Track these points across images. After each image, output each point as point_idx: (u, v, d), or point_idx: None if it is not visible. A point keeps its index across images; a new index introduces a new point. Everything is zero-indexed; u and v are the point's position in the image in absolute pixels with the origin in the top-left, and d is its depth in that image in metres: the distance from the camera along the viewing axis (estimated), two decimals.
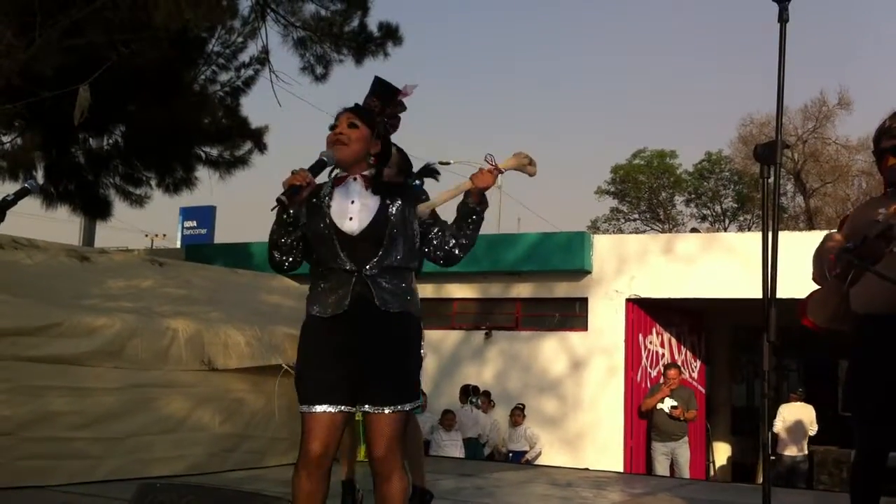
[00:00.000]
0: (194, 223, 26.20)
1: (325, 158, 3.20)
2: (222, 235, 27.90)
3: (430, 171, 4.53)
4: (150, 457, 5.99)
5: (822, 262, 3.75)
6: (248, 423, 6.69)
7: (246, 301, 7.98)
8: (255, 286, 8.82)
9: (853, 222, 3.84)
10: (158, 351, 6.15)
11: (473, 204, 3.12)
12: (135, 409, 5.98)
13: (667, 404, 10.96)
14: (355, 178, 3.24)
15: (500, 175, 3.12)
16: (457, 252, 3.20)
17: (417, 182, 4.93)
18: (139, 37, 8.09)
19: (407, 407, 3.10)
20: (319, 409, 3.05)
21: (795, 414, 12.10)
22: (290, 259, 3.21)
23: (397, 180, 4.12)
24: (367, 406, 3.08)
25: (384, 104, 3.31)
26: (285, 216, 3.12)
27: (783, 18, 3.27)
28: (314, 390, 3.09)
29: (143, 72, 8.95)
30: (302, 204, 3.17)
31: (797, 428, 12.16)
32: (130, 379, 5.96)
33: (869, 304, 3.60)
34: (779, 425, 12.24)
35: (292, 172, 3.10)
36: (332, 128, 3.26)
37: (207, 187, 11.77)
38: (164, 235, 32.22)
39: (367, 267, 3.11)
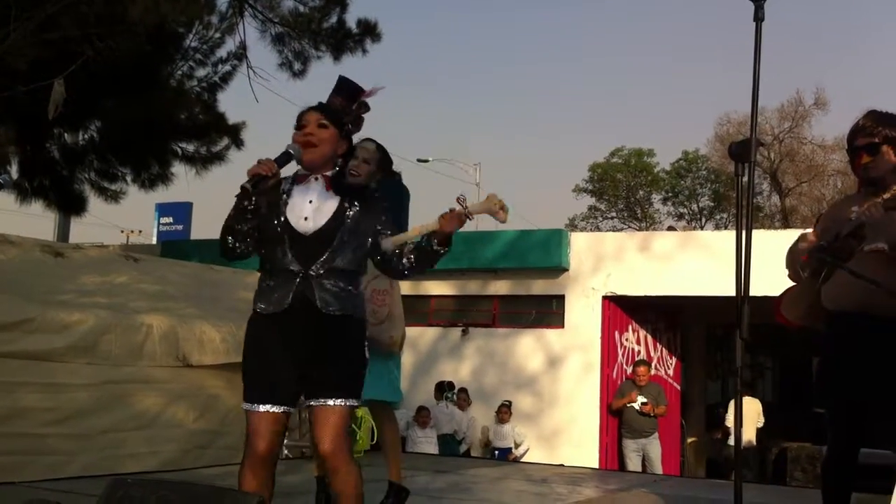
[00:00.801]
0: (170, 219, 26.06)
1: (291, 151, 3.18)
2: (199, 232, 27.71)
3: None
4: (124, 453, 5.96)
5: (796, 260, 3.79)
6: (222, 420, 6.66)
7: (222, 297, 7.95)
8: (232, 283, 8.78)
9: (827, 220, 3.88)
10: (132, 347, 6.11)
11: (438, 247, 3.14)
12: (108, 405, 5.95)
13: (637, 400, 11.14)
14: (317, 178, 3.23)
15: (468, 220, 3.10)
16: (405, 273, 3.27)
17: (397, 179, 4.92)
18: (115, 31, 8.03)
19: (350, 403, 3.12)
20: (264, 408, 3.08)
21: (744, 407, 12.37)
22: (243, 247, 3.18)
23: (359, 182, 4.14)
24: (311, 401, 3.11)
25: (349, 103, 3.30)
26: (246, 203, 3.09)
27: (759, 17, 3.28)
28: (259, 390, 3.11)
29: (118, 66, 8.87)
30: (264, 194, 3.16)
31: (746, 420, 12.75)
32: (104, 375, 5.92)
33: (840, 301, 3.64)
34: (729, 419, 12.96)
35: (258, 162, 3.09)
36: (299, 127, 3.24)
37: (184, 183, 11.71)
38: (140, 231, 31.99)
39: (314, 267, 3.11)
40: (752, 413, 13.00)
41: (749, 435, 12.88)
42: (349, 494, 3.10)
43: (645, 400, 11.14)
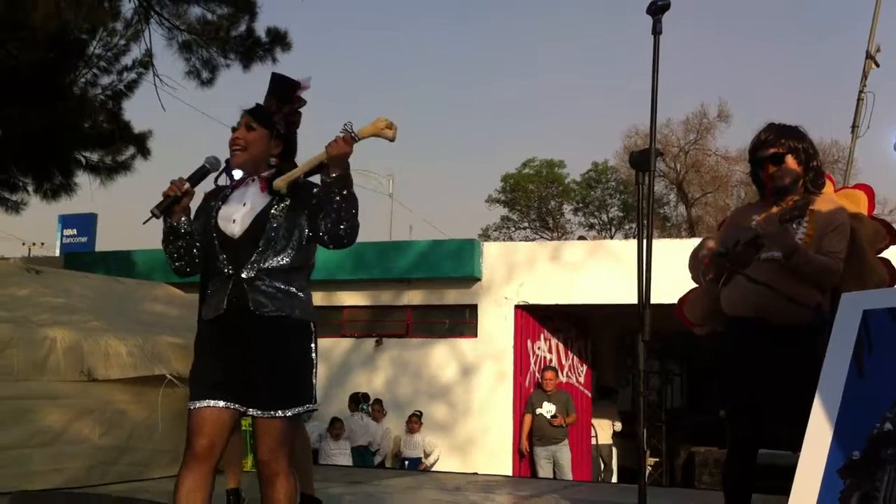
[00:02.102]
0: (74, 231, 25.30)
1: (207, 165, 3.22)
2: (104, 244, 27.03)
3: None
4: (27, 470, 5.77)
5: (698, 264, 3.92)
6: (129, 435, 6.52)
7: (128, 310, 7.78)
8: (139, 295, 8.61)
9: (729, 225, 4.03)
10: (36, 361, 5.95)
11: (328, 177, 3.01)
12: (10, 421, 5.77)
13: (546, 411, 11.23)
14: (254, 180, 3.24)
15: (356, 142, 2.98)
16: (338, 232, 3.05)
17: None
18: (16, 36, 7.83)
19: (293, 411, 3.07)
20: (204, 403, 3.02)
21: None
22: (186, 263, 3.23)
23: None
24: (252, 410, 3.06)
25: (282, 102, 3.30)
26: (167, 226, 3.15)
27: (657, 30, 3.39)
28: (200, 387, 3.07)
29: (19, 73, 8.65)
30: (181, 213, 3.16)
31: (605, 425, 14.78)
32: (6, 390, 5.75)
33: (737, 306, 3.77)
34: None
35: (171, 183, 3.13)
36: (235, 130, 3.27)
37: (88, 194, 11.44)
38: (43, 244, 30.96)
39: (245, 269, 3.09)
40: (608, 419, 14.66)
41: (606, 438, 14.62)
42: None
43: (555, 412, 11.22)
